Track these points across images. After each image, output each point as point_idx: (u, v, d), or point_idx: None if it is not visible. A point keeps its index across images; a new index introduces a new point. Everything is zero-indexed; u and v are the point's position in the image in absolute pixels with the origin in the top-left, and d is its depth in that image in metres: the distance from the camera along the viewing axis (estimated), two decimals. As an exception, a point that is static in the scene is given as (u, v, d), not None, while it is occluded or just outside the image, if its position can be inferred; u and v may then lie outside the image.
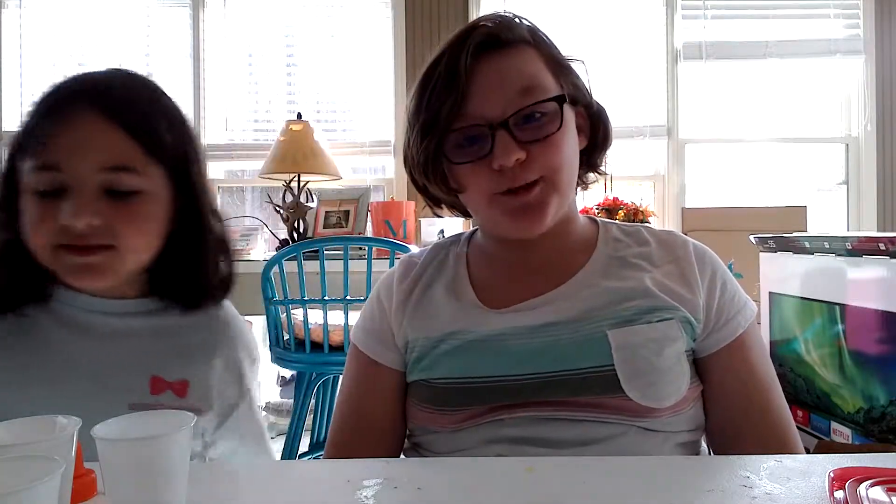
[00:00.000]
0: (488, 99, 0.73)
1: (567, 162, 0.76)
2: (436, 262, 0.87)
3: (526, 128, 0.73)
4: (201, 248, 0.83)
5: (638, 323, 0.74)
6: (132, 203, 0.74)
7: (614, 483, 0.56)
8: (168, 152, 0.77)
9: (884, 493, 0.47)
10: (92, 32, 2.98)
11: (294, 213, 2.52)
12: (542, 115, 0.73)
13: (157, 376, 0.79)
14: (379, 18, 2.99)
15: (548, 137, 0.73)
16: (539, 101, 0.73)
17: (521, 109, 0.72)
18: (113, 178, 0.73)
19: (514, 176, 0.72)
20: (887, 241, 1.49)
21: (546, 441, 0.70)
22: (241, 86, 3.07)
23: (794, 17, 2.96)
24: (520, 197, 0.74)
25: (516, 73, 0.74)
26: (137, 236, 0.76)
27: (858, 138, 2.96)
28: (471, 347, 0.76)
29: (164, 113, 0.79)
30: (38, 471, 0.38)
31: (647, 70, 2.96)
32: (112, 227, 0.73)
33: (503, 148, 0.71)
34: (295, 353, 1.90)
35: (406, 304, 0.82)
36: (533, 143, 0.73)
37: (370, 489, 0.54)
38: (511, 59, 0.75)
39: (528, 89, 0.73)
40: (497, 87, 0.73)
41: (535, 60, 0.76)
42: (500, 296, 0.79)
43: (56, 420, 0.48)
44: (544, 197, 0.74)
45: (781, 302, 1.91)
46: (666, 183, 2.98)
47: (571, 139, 0.77)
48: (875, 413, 1.54)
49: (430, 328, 0.79)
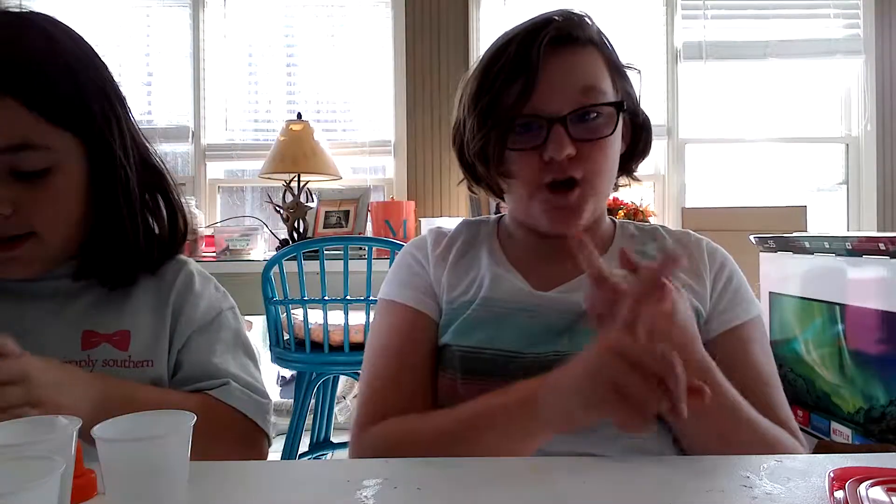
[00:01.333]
0: (552, 93, 0.75)
1: (610, 166, 0.79)
2: (467, 234, 0.89)
3: (581, 126, 0.75)
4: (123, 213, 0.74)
5: None
6: (43, 182, 0.67)
7: (614, 483, 0.56)
8: (74, 114, 0.68)
9: (884, 493, 0.47)
10: (92, 32, 2.96)
11: (294, 213, 2.52)
12: (599, 117, 0.76)
13: (89, 330, 0.75)
14: (379, 18, 2.99)
15: (600, 140, 0.76)
16: (599, 103, 0.76)
17: (580, 108, 0.75)
18: (15, 158, 0.65)
19: (561, 169, 0.75)
20: (887, 241, 1.49)
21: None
22: (241, 86, 3.07)
23: (794, 17, 2.95)
24: (560, 197, 0.77)
25: (581, 72, 0.77)
26: (56, 217, 0.69)
27: (858, 138, 2.95)
28: (505, 318, 0.77)
29: (64, 66, 0.69)
30: (38, 471, 0.38)
31: (647, 70, 2.95)
32: (27, 214, 0.67)
33: (557, 141, 0.74)
34: (295, 353, 1.90)
35: (444, 262, 0.84)
36: (584, 143, 0.75)
37: (370, 489, 0.54)
38: (578, 56, 0.77)
39: (589, 89, 0.76)
40: (562, 82, 0.75)
41: (600, 62, 0.79)
42: (538, 277, 0.81)
43: (56, 420, 0.48)
44: (583, 200, 0.77)
45: (781, 302, 1.91)
46: (666, 183, 2.98)
47: (618, 144, 0.80)
48: (875, 413, 1.54)
49: (468, 290, 0.80)
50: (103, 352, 0.75)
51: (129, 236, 0.76)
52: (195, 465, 0.50)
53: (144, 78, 3.04)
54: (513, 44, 0.77)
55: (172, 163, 3.02)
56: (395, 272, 0.87)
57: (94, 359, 0.74)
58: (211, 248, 2.56)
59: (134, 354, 0.76)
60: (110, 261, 0.76)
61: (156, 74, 3.04)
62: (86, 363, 0.74)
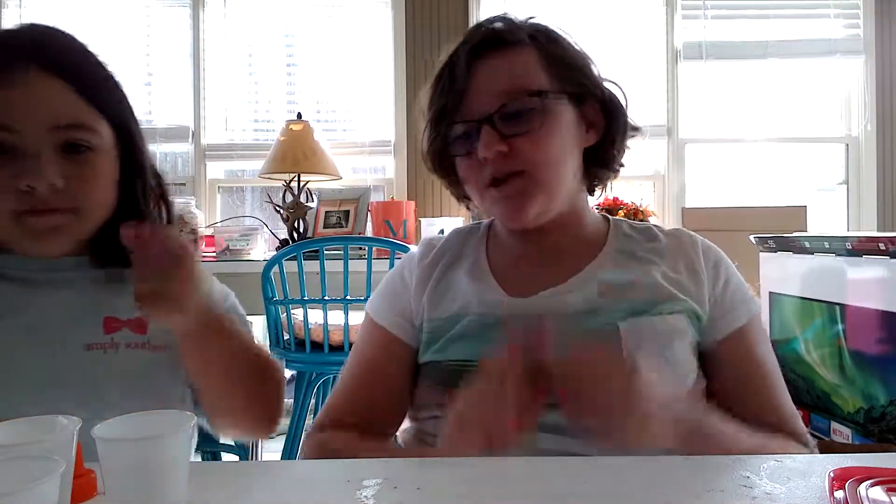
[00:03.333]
0: (480, 96, 0.78)
1: (552, 157, 0.79)
2: (456, 245, 0.90)
3: (510, 123, 0.77)
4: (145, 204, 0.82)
5: (648, 315, 0.75)
6: (87, 162, 0.73)
7: (615, 483, 0.56)
8: (113, 107, 0.77)
9: (884, 493, 0.47)
10: (92, 32, 2.97)
11: (294, 213, 2.52)
12: (527, 111, 0.77)
13: (110, 316, 0.79)
14: (379, 19, 2.99)
15: (529, 132, 0.77)
16: (520, 97, 0.76)
17: (503, 105, 0.76)
18: (68, 136, 0.72)
19: (496, 167, 0.77)
20: (887, 241, 1.49)
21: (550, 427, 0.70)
22: (241, 86, 3.07)
23: (794, 17, 2.95)
24: (501, 189, 0.78)
25: (506, 72, 0.78)
26: (96, 195, 0.75)
27: (858, 138, 2.95)
28: (483, 331, 0.77)
29: (101, 67, 0.78)
30: (38, 471, 0.38)
31: (647, 70, 2.96)
32: (72, 189, 0.72)
33: (485, 140, 0.76)
34: (295, 353, 1.90)
35: (427, 282, 0.85)
36: (515, 137, 0.76)
37: (370, 489, 0.54)
38: (506, 58, 0.79)
39: (515, 88, 0.77)
40: (488, 84, 0.78)
41: (532, 61, 0.79)
42: (517, 283, 0.81)
43: (56, 420, 0.48)
44: (524, 189, 0.78)
45: (781, 302, 1.91)
46: (666, 183, 2.98)
47: (560, 136, 0.79)
48: (875, 413, 1.54)
49: (448, 308, 0.81)
50: (125, 335, 0.79)
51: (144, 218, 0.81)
52: (195, 466, 0.50)
53: (144, 78, 3.04)
54: (454, 55, 0.81)
55: (172, 163, 3.02)
56: (383, 286, 0.90)
57: (118, 342, 0.78)
58: (211, 248, 2.55)
59: (152, 339, 0.80)
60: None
61: (156, 74, 3.04)
62: (110, 346, 0.77)
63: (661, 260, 0.82)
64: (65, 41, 0.76)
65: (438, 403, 0.77)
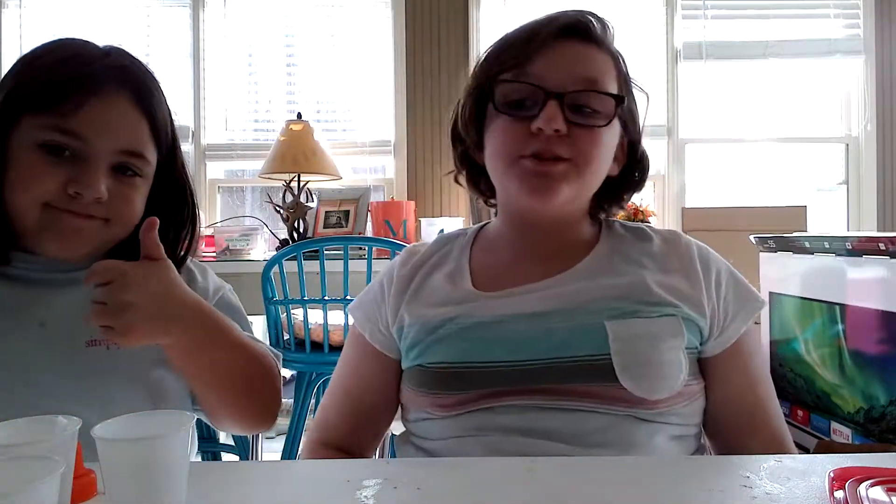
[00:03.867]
0: (555, 70, 0.75)
1: (599, 159, 0.77)
2: (439, 253, 0.88)
3: (578, 110, 0.75)
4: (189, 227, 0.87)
5: (637, 316, 0.74)
6: (131, 183, 0.78)
7: (614, 483, 0.56)
8: (166, 140, 0.82)
9: (884, 493, 0.47)
10: (92, 32, 2.96)
11: (294, 213, 2.52)
12: (595, 114, 0.75)
13: None
14: (379, 18, 2.99)
15: (593, 128, 0.75)
16: (602, 92, 0.75)
17: (582, 90, 0.74)
18: (126, 160, 0.77)
19: (547, 146, 0.74)
20: (887, 241, 1.49)
21: (538, 431, 0.71)
22: (241, 86, 3.07)
23: (794, 17, 2.95)
24: (542, 165, 0.74)
25: (591, 63, 0.76)
26: (130, 214, 0.79)
27: (858, 138, 2.95)
28: (466, 333, 0.76)
29: (166, 101, 0.83)
30: (38, 471, 0.38)
31: (647, 70, 2.96)
32: (110, 203, 0.76)
33: (550, 114, 0.72)
34: (295, 353, 1.90)
35: (405, 291, 0.84)
36: (577, 127, 0.74)
37: (370, 489, 0.54)
38: (592, 52, 0.77)
39: (594, 81, 0.75)
40: (567, 64, 0.75)
41: (611, 68, 0.79)
42: (498, 280, 0.80)
43: (56, 420, 0.48)
44: (565, 175, 0.75)
45: (781, 302, 1.91)
46: (666, 183, 2.98)
47: (609, 147, 0.79)
48: (875, 413, 1.54)
49: (426, 315, 0.80)
50: None
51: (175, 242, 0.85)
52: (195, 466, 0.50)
53: (144, 78, 3.03)
54: (529, 24, 0.78)
55: (172, 163, 3.02)
56: (366, 292, 0.90)
57: None
58: (211, 248, 2.55)
59: None
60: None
61: (156, 74, 3.03)
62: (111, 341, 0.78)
63: (654, 262, 0.80)
64: (146, 71, 0.82)
65: (425, 406, 0.77)
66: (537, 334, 0.74)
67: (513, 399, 0.72)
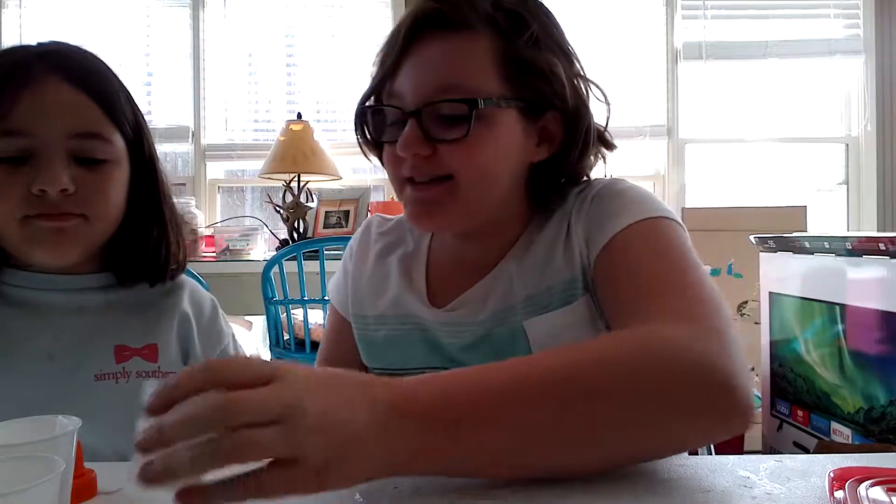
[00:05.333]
0: (413, 81, 0.68)
1: (482, 170, 0.69)
2: (397, 232, 0.86)
3: (439, 124, 0.67)
4: (160, 220, 0.82)
5: (553, 307, 0.70)
6: (100, 171, 0.74)
7: (614, 483, 0.56)
8: (127, 121, 0.78)
9: (884, 493, 0.47)
10: (92, 32, 2.97)
11: (294, 213, 2.52)
12: (460, 116, 0.66)
13: (120, 345, 0.79)
14: (379, 19, 2.99)
15: (459, 140, 0.66)
16: (450, 99, 0.66)
17: (430, 103, 0.67)
18: (83, 144, 0.73)
19: (417, 168, 0.68)
20: (887, 241, 1.49)
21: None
22: (241, 86, 3.07)
23: (794, 17, 2.95)
24: (418, 189, 0.70)
25: (447, 64, 0.68)
26: (106, 205, 0.76)
27: (858, 138, 2.95)
28: (408, 337, 0.76)
29: (119, 83, 0.79)
30: (38, 471, 0.38)
31: (647, 70, 2.96)
32: (82, 196, 0.73)
33: (407, 138, 0.67)
34: (295, 353, 1.90)
35: (360, 275, 0.84)
36: (441, 142, 0.67)
37: (370, 489, 0.54)
38: (451, 44, 0.68)
39: (450, 86, 0.67)
40: (422, 72, 0.68)
41: (480, 52, 0.68)
42: (445, 286, 0.78)
43: (56, 420, 0.48)
44: (441, 198, 0.69)
45: (781, 302, 1.91)
46: (666, 183, 2.98)
47: (496, 149, 0.69)
48: (875, 413, 1.55)
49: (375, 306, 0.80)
50: (135, 364, 0.79)
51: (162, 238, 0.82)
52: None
53: (144, 78, 3.03)
54: (392, 33, 0.71)
55: (172, 163, 3.02)
56: (339, 268, 0.88)
57: (129, 371, 0.78)
58: (211, 248, 2.55)
59: (163, 366, 0.81)
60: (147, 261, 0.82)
61: (156, 74, 3.04)
62: (121, 375, 0.78)
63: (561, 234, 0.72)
64: (83, 54, 0.78)
65: None
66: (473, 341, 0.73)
67: None
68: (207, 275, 1.44)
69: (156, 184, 0.82)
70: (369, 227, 0.88)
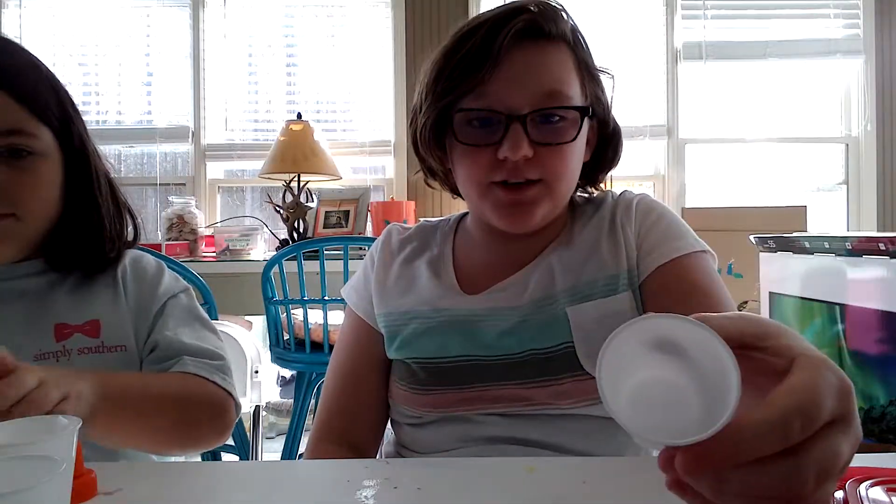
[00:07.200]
0: (514, 89, 0.71)
1: (570, 172, 0.75)
2: (420, 238, 0.88)
3: (541, 129, 0.71)
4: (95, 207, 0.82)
5: (596, 297, 0.74)
6: (28, 167, 0.74)
7: (614, 483, 0.56)
8: (53, 114, 0.78)
9: (884, 493, 0.47)
10: (92, 32, 2.98)
11: (294, 213, 2.52)
12: (561, 121, 0.72)
13: (60, 323, 0.79)
14: (379, 18, 2.99)
15: (560, 145, 0.72)
16: (563, 106, 0.72)
17: (542, 109, 0.71)
18: (7, 141, 0.73)
19: (515, 171, 0.71)
20: (887, 241, 1.49)
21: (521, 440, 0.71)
22: (241, 86, 3.07)
23: (794, 17, 2.96)
24: (514, 193, 0.73)
25: (548, 72, 0.72)
26: (37, 201, 0.76)
27: (858, 138, 2.95)
28: (442, 328, 0.77)
29: (44, 75, 0.79)
30: (38, 471, 0.38)
31: (647, 70, 2.96)
32: (11, 194, 0.73)
33: (514, 141, 0.70)
34: (295, 353, 1.90)
35: (388, 268, 0.84)
36: (543, 146, 0.71)
37: (370, 489, 0.54)
38: (547, 54, 0.72)
39: (555, 92, 0.71)
40: (526, 79, 0.71)
41: (569, 63, 0.74)
42: (478, 280, 0.80)
43: (56, 420, 0.48)
44: (538, 198, 0.73)
45: (781, 302, 1.91)
46: (666, 183, 2.98)
47: (580, 151, 0.76)
48: (875, 413, 1.54)
49: (404, 304, 0.80)
50: (77, 341, 0.79)
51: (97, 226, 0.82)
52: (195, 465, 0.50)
53: (144, 78, 3.04)
54: (480, 30, 0.72)
55: (172, 163, 3.02)
56: (356, 275, 0.89)
57: (70, 348, 0.79)
58: (211, 248, 2.55)
59: (106, 340, 0.81)
60: (82, 249, 0.82)
61: (156, 74, 3.04)
62: (62, 353, 0.78)
63: (603, 234, 0.78)
64: (10, 49, 0.77)
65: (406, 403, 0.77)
66: (510, 328, 0.75)
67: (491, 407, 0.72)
68: (207, 275, 1.44)
69: (88, 170, 0.82)
70: (390, 235, 0.89)
